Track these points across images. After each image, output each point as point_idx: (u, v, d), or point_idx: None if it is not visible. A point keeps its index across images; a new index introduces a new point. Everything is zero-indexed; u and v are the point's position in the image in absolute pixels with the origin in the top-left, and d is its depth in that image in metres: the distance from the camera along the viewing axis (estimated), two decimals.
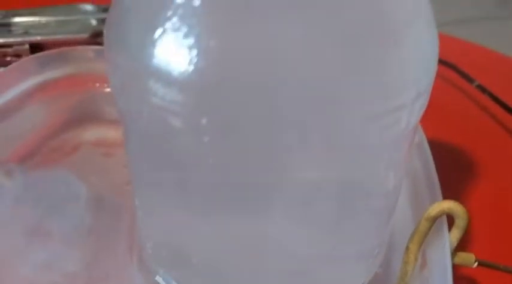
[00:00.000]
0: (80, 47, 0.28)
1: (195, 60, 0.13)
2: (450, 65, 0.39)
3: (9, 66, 0.27)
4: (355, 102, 0.14)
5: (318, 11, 0.13)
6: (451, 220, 0.19)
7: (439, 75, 0.39)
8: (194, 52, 0.13)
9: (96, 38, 0.37)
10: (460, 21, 0.47)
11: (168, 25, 0.13)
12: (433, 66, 0.16)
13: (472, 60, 0.42)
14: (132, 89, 0.15)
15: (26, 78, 0.27)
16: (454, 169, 0.31)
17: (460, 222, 0.19)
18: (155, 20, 0.14)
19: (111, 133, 0.28)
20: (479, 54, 0.44)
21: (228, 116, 0.14)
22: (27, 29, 0.37)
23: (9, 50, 0.36)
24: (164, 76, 0.14)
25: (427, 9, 0.16)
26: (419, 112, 0.16)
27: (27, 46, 0.36)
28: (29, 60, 0.27)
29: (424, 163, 0.22)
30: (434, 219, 0.19)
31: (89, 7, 0.40)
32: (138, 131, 0.16)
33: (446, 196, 0.22)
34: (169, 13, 0.13)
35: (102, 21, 0.38)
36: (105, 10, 0.39)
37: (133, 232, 0.22)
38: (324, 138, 0.14)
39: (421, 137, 0.24)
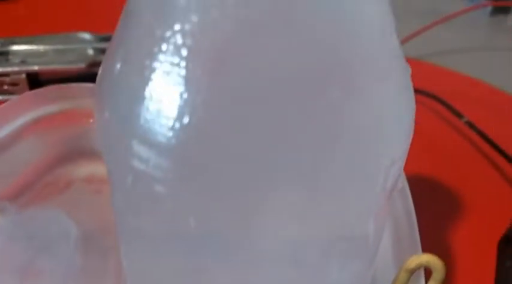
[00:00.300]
0: (75, 85, 0.29)
1: (178, 128, 0.13)
2: (439, 100, 0.39)
3: (6, 103, 0.27)
4: (336, 162, 0.14)
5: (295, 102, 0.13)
6: (429, 271, 0.20)
7: (428, 108, 0.40)
8: (178, 120, 0.13)
9: (92, 67, 0.37)
10: (449, 51, 0.48)
11: (153, 91, 0.14)
12: (407, 135, 0.16)
13: (462, 93, 0.43)
14: (117, 151, 0.16)
15: (21, 114, 0.27)
16: (436, 211, 0.32)
17: (437, 275, 0.19)
18: (142, 84, 0.14)
19: (103, 170, 0.28)
20: (470, 86, 0.45)
21: (210, 183, 0.14)
22: (24, 58, 0.37)
23: (6, 78, 0.37)
24: (149, 142, 0.14)
25: (404, 75, 0.16)
26: (396, 175, 0.16)
27: (24, 75, 0.37)
28: (25, 96, 0.28)
29: (406, 210, 0.23)
30: (412, 271, 0.19)
31: (86, 36, 0.40)
32: (123, 189, 0.17)
33: (426, 239, 0.23)
34: (155, 81, 0.14)
35: (99, 51, 0.38)
36: (103, 39, 0.40)
37: (121, 273, 0.23)
38: (308, 187, 0.14)
39: (403, 183, 0.24)
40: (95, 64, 0.37)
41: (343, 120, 0.14)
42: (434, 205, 0.32)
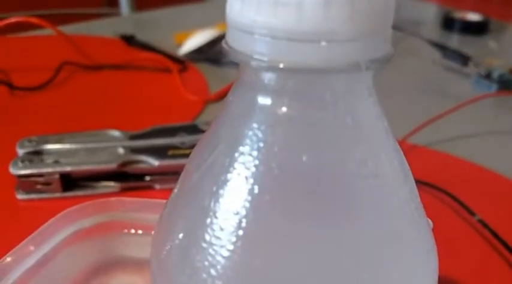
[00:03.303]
0: (113, 199, 0.31)
1: None
2: (452, 196, 0.41)
3: (49, 221, 0.29)
4: None
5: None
6: None
7: (440, 201, 0.41)
8: None
9: (123, 167, 0.39)
10: (459, 137, 0.50)
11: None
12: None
13: (475, 185, 0.45)
14: None
15: (61, 230, 0.29)
16: None
17: None
18: (197, 249, 0.16)
19: (136, 280, 0.30)
20: (483, 177, 0.46)
21: None
22: (57, 157, 0.39)
23: (40, 179, 0.39)
24: None
25: (428, 236, 0.18)
26: None
27: (57, 176, 0.39)
28: (66, 213, 0.30)
29: None
30: None
31: (116, 133, 0.43)
32: None
33: None
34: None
35: (129, 150, 0.40)
36: (132, 137, 0.42)
37: None
38: None
39: None
40: (125, 164, 0.39)
41: None
42: None
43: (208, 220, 0.16)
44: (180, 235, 0.17)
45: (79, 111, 0.51)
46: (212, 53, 0.61)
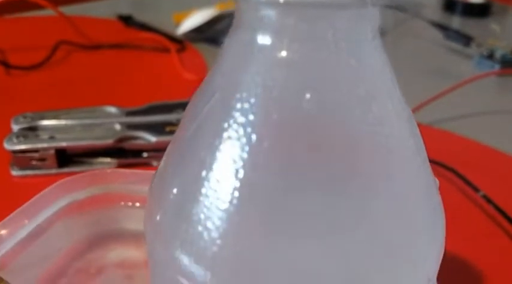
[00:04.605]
0: (108, 171, 0.30)
1: (222, 251, 0.14)
2: (456, 172, 0.40)
3: (42, 192, 0.28)
4: None
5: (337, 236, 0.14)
6: None
7: (444, 179, 0.40)
8: (227, 239, 0.14)
9: (120, 143, 0.39)
10: (462, 116, 0.49)
11: (207, 217, 0.15)
12: (441, 252, 0.17)
13: (478, 163, 0.44)
14: (163, 253, 0.17)
15: (55, 201, 0.28)
16: None
17: None
18: (193, 203, 0.15)
19: (134, 253, 0.29)
20: (486, 155, 0.46)
21: None
22: (53, 133, 0.39)
23: (35, 154, 0.38)
24: (194, 257, 0.15)
25: (435, 193, 0.17)
26: None
27: (52, 151, 0.38)
28: (60, 184, 0.29)
29: None
30: None
31: (113, 110, 0.42)
32: None
33: None
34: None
35: (125, 126, 0.40)
36: (129, 114, 0.41)
37: None
38: None
39: None
40: (122, 139, 0.39)
41: (383, 244, 0.15)
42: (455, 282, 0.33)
43: (204, 173, 0.15)
44: (175, 191, 0.16)
45: (75, 90, 0.50)
46: (211, 33, 0.60)
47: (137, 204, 0.30)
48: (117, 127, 0.40)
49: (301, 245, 0.14)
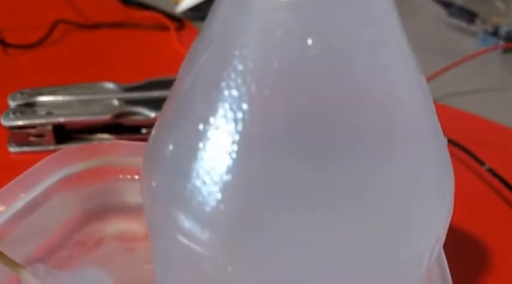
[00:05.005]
0: (105, 144, 0.29)
1: (226, 206, 0.14)
2: (461, 147, 0.39)
3: (38, 163, 0.28)
4: (378, 254, 0.15)
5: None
6: None
7: (449, 154, 0.40)
8: (226, 193, 0.14)
9: (118, 118, 0.38)
10: (466, 92, 0.48)
11: (205, 171, 0.14)
12: (450, 210, 0.17)
13: (482, 137, 0.43)
14: (161, 222, 0.16)
15: (51, 173, 0.28)
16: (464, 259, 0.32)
17: None
18: (194, 165, 0.15)
19: (134, 227, 0.29)
20: (490, 130, 0.45)
21: (256, 264, 0.15)
22: (50, 109, 0.38)
23: (33, 130, 0.37)
24: (196, 216, 0.14)
25: (443, 148, 0.17)
26: (437, 253, 0.17)
27: (50, 127, 0.37)
28: (56, 156, 0.28)
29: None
30: None
31: (111, 86, 0.41)
32: (165, 256, 0.17)
33: None
34: (203, 168, 0.14)
35: (124, 102, 0.39)
36: (127, 89, 0.40)
37: None
38: None
39: None
40: (120, 115, 0.38)
41: (391, 201, 0.15)
42: (462, 253, 0.32)
43: (201, 126, 0.14)
44: (171, 147, 0.15)
45: (73, 68, 0.50)
46: (209, 11, 0.59)
47: (136, 177, 0.30)
48: (115, 102, 0.39)
49: (305, 199, 0.13)
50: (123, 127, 0.39)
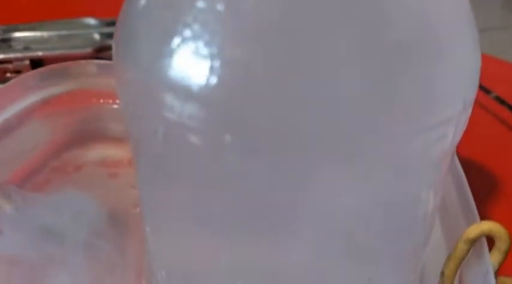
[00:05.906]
0: (82, 62, 0.27)
1: (217, 71, 0.12)
2: None
3: (10, 82, 0.25)
4: (400, 116, 0.12)
5: (356, 28, 0.12)
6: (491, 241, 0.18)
7: None
8: (217, 62, 0.12)
9: (99, 52, 0.35)
10: None
11: (187, 32, 0.12)
12: (477, 77, 0.14)
13: (485, 71, 0.41)
14: (145, 106, 0.14)
15: (26, 95, 0.26)
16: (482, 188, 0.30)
17: (502, 245, 0.17)
18: (172, 27, 0.13)
19: (116, 152, 0.26)
20: (492, 64, 0.43)
21: (254, 133, 0.12)
22: (28, 44, 0.35)
23: (9, 66, 0.35)
24: (182, 90, 0.12)
25: (469, 16, 0.14)
26: (463, 126, 0.15)
27: (27, 62, 0.35)
28: (29, 75, 0.26)
29: (457, 183, 0.21)
30: (473, 242, 0.17)
31: (92, 21, 0.38)
32: (152, 152, 0.15)
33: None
34: (189, 19, 0.12)
35: (105, 36, 0.36)
36: (109, 24, 0.38)
37: (141, 259, 0.21)
38: (364, 155, 0.12)
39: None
40: (102, 49, 0.35)
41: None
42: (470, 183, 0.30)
43: None
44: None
45: (52, 5, 0.47)
46: None
47: (117, 102, 0.27)
48: (97, 36, 0.36)
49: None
50: None
